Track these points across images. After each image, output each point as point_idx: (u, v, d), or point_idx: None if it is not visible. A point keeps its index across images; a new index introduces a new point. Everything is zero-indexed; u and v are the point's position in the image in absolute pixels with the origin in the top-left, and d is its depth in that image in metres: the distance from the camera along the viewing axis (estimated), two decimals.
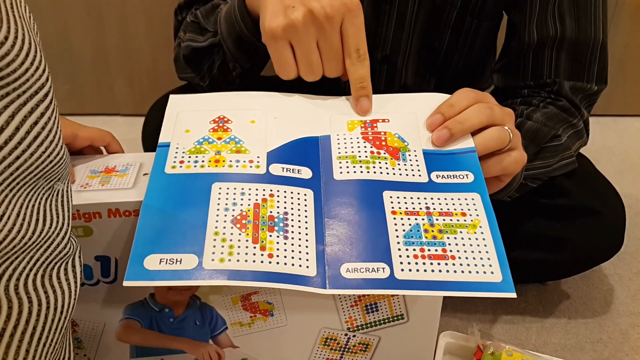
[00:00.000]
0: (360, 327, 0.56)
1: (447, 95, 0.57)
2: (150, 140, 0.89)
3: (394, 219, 0.47)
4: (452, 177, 0.50)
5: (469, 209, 0.48)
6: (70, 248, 0.35)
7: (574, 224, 0.79)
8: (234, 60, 0.69)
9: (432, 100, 0.56)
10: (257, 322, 0.54)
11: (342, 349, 0.57)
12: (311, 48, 0.53)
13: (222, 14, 0.68)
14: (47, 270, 0.33)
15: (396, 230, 0.46)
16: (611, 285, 0.91)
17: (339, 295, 0.53)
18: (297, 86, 0.60)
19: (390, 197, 0.48)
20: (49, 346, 0.34)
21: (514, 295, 0.43)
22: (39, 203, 0.33)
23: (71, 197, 0.36)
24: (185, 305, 0.52)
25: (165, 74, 1.32)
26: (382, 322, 0.55)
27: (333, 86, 0.67)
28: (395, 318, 0.55)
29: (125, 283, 0.41)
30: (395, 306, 0.54)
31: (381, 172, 0.50)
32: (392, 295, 0.54)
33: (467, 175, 0.50)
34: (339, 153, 0.52)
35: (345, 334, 0.56)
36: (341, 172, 0.50)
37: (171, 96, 0.56)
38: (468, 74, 0.86)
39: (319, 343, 0.56)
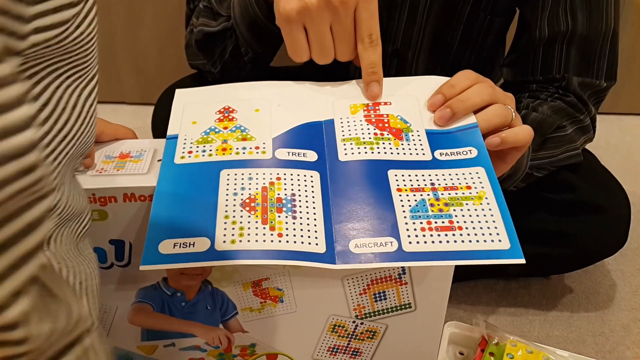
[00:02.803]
0: (368, 315, 0.56)
1: (447, 78, 0.58)
2: (160, 127, 0.89)
3: (400, 195, 0.47)
4: (455, 153, 0.51)
5: (473, 182, 0.48)
6: (89, 224, 0.37)
7: (579, 219, 0.80)
8: (247, 44, 0.70)
9: (432, 83, 0.57)
10: (267, 307, 0.55)
11: (349, 336, 0.58)
12: (324, 31, 0.53)
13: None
14: (77, 241, 0.35)
15: (402, 206, 0.47)
16: (614, 280, 0.92)
17: (348, 282, 0.54)
18: (306, 77, 0.61)
19: (395, 175, 0.49)
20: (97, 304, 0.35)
21: (522, 261, 0.43)
22: (75, 180, 0.35)
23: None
24: (197, 290, 0.53)
25: (172, 63, 1.32)
26: (390, 310, 0.56)
27: (341, 77, 0.68)
28: (403, 307, 0.56)
29: (142, 268, 0.41)
30: (404, 295, 0.55)
31: (385, 152, 0.51)
32: (401, 284, 0.54)
33: (470, 150, 0.51)
34: (343, 135, 0.52)
35: (353, 321, 0.57)
36: (346, 154, 0.51)
37: (177, 90, 0.57)
38: (478, 69, 0.86)
39: (327, 330, 0.57)
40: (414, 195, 0.47)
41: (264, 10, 0.64)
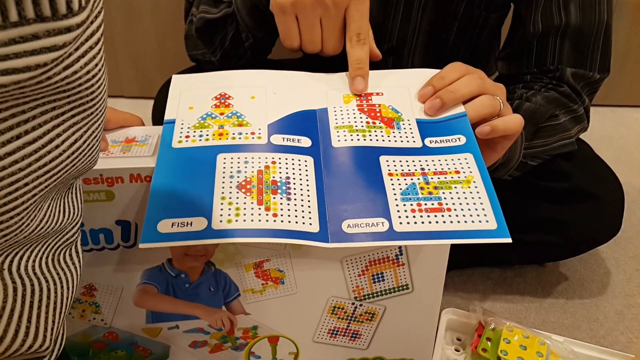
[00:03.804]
0: (366, 297, 0.58)
1: (438, 70, 0.59)
2: (160, 119, 0.90)
3: (391, 179, 0.49)
4: (445, 141, 0.52)
5: (462, 167, 0.50)
6: (76, 234, 0.37)
7: (574, 207, 0.81)
8: (247, 30, 0.71)
9: (423, 75, 0.59)
10: (268, 289, 0.56)
11: (349, 318, 0.59)
12: (314, 24, 0.57)
13: None
14: (55, 255, 0.35)
15: (393, 189, 0.48)
16: (608, 268, 0.93)
17: (347, 263, 0.55)
18: (305, 70, 0.62)
19: (387, 160, 0.51)
20: (63, 320, 0.35)
21: (509, 240, 0.44)
22: (64, 197, 0.35)
23: (81, 187, 0.38)
24: (201, 272, 0.54)
25: (171, 57, 1.33)
26: (388, 291, 0.58)
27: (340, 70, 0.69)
28: (401, 288, 0.58)
29: (141, 246, 0.43)
30: (401, 276, 0.57)
31: (377, 140, 0.53)
32: (398, 265, 0.56)
33: (459, 138, 0.52)
34: (337, 123, 0.54)
35: (353, 303, 0.58)
36: (339, 140, 0.53)
37: (174, 76, 0.59)
38: (474, 64, 0.87)
39: (327, 312, 0.58)
40: (405, 179, 0.49)
41: None
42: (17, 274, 0.31)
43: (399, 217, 0.46)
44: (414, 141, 0.53)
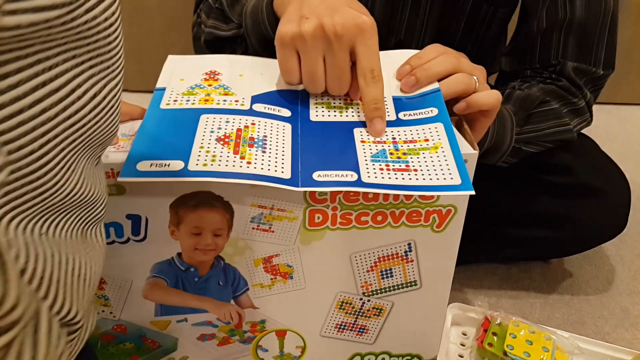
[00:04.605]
0: (375, 292, 0.58)
1: (417, 51, 0.60)
2: None
3: (363, 145, 0.51)
4: (417, 114, 0.54)
5: (431, 135, 0.52)
6: (103, 212, 0.38)
7: (579, 202, 0.81)
8: (256, 54, 0.71)
9: (402, 55, 0.60)
10: (277, 284, 0.56)
11: (356, 313, 0.59)
12: (315, 61, 0.52)
13: (249, 10, 0.69)
14: (85, 229, 0.36)
15: (364, 153, 0.50)
16: (613, 265, 0.94)
17: (356, 259, 0.55)
18: None
19: (360, 131, 0.53)
20: (92, 297, 0.36)
21: (472, 192, 0.46)
22: (94, 169, 0.35)
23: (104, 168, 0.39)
24: (210, 266, 0.54)
25: (176, 51, 1.33)
26: (396, 287, 0.58)
27: None
28: (409, 284, 0.58)
29: (119, 179, 0.45)
30: (409, 272, 0.57)
31: (353, 115, 0.55)
32: (407, 262, 0.56)
33: (431, 110, 0.54)
34: (316, 100, 0.57)
35: (361, 299, 0.58)
36: (317, 115, 0.55)
37: (169, 56, 0.61)
38: (480, 59, 0.87)
39: (334, 307, 0.59)
40: (376, 146, 0.51)
41: (275, 28, 0.65)
42: (53, 240, 0.32)
43: (368, 171, 0.48)
44: (388, 115, 0.54)
